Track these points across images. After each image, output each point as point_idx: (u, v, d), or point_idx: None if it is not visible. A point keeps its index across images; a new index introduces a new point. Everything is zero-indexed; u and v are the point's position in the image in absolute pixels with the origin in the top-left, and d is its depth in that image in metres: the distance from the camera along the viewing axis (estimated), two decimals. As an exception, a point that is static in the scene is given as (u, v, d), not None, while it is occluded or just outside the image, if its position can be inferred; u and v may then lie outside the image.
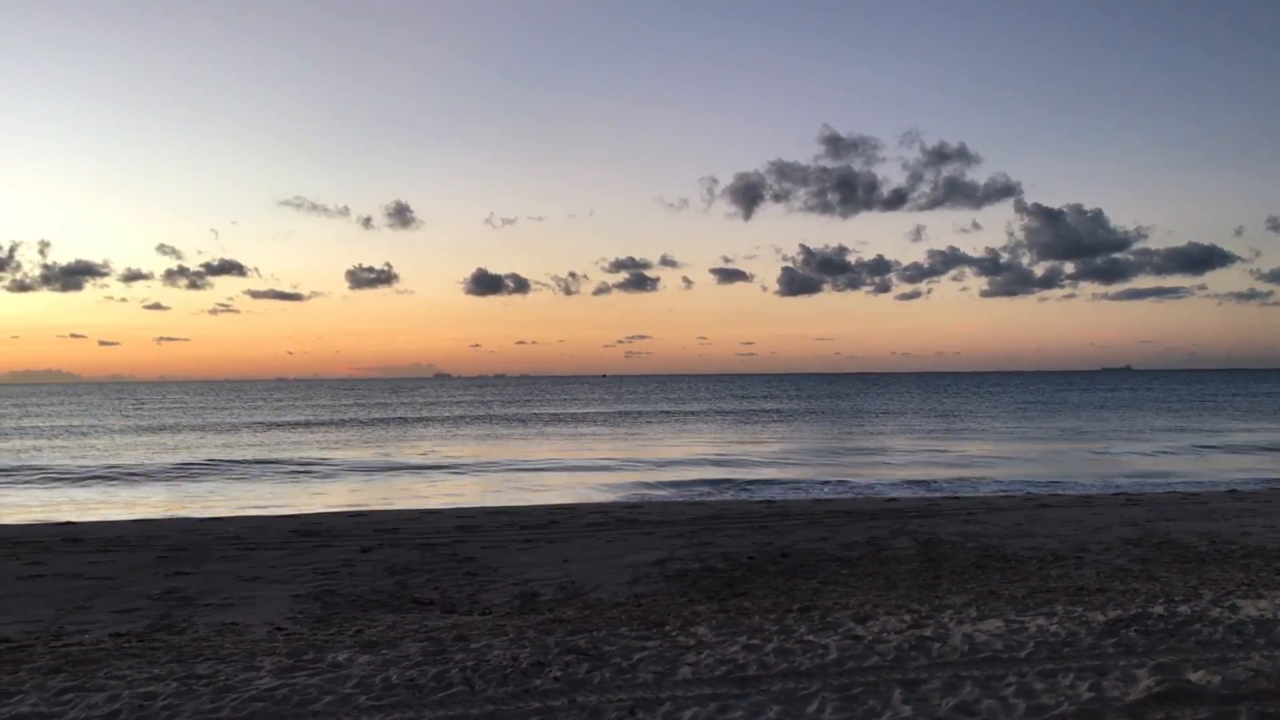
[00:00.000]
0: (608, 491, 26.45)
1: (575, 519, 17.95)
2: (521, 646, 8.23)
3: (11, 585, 12.37)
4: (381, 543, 15.35)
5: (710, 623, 9.15)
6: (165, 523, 19.46)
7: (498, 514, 19.30)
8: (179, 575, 12.94)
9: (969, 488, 26.16)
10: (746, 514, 18.32)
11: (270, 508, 23.19)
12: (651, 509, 20.04)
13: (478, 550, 14.55)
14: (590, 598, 11.26)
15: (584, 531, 16.29)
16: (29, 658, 8.53)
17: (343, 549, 14.81)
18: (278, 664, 7.86)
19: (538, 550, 14.54)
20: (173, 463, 35.94)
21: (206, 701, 6.82)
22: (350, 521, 18.39)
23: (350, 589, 11.98)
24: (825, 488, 26.38)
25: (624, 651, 7.98)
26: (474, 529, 16.79)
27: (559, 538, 15.65)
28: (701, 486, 27.33)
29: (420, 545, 15.05)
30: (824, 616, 9.35)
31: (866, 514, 18.07)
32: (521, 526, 16.95)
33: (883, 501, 21.30)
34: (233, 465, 35.16)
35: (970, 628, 8.64)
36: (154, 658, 8.36)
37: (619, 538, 15.50)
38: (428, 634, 9.08)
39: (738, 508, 19.91)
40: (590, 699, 6.77)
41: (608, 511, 19.38)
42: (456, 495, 26.13)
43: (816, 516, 17.68)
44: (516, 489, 27.53)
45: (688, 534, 15.66)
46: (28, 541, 15.94)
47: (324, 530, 16.91)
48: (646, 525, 16.85)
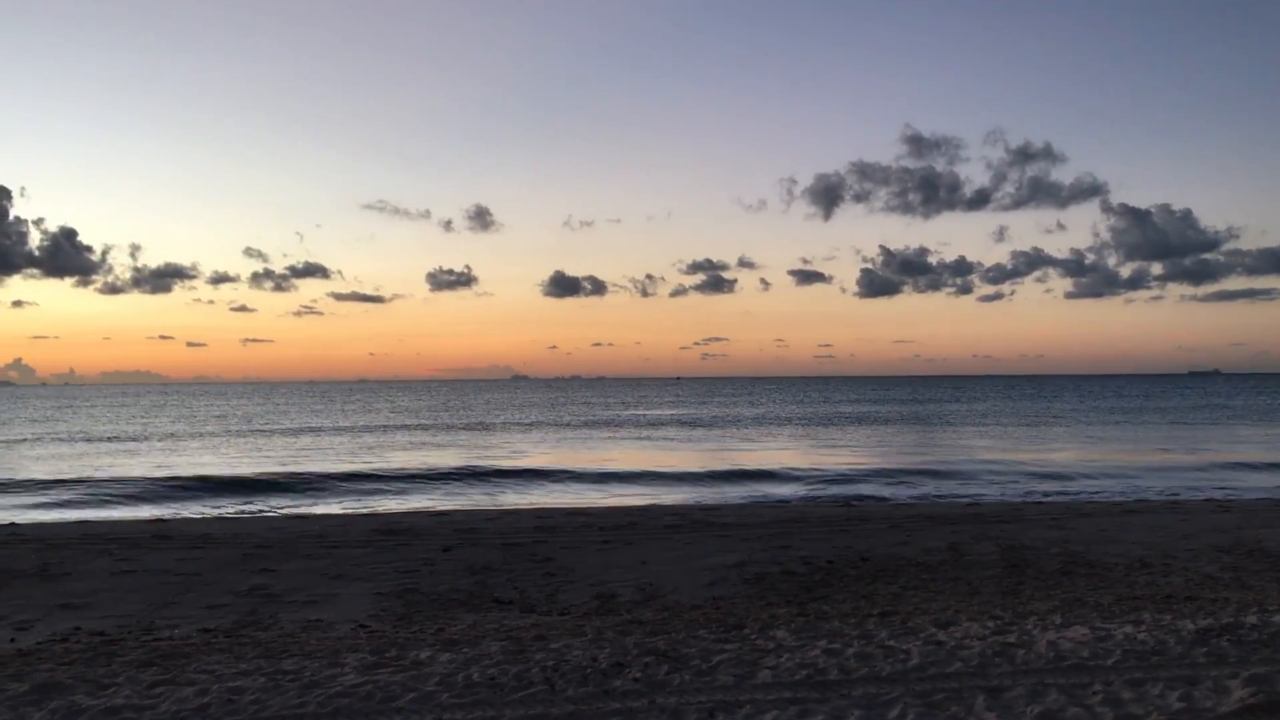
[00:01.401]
0: (685, 494, 26.42)
1: (652, 521, 17.97)
2: (601, 647, 8.25)
3: (104, 581, 12.73)
4: (461, 542, 15.52)
5: (789, 626, 9.10)
6: (251, 521, 19.89)
7: (575, 515, 19.40)
8: (265, 572, 13.20)
9: (1053, 492, 25.66)
10: (825, 518, 18.18)
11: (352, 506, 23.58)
12: (729, 512, 19.98)
13: (556, 551, 14.63)
14: (668, 600, 11.26)
15: (661, 533, 16.29)
16: (122, 651, 8.77)
17: (424, 548, 14.99)
18: (361, 661, 7.98)
19: (615, 551, 14.58)
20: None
21: (293, 697, 6.95)
22: (431, 521, 18.62)
23: (431, 587, 12.12)
24: (906, 491, 26.06)
25: (703, 654, 7.96)
26: (552, 529, 16.90)
27: (636, 539, 15.67)
28: (778, 489, 27.16)
29: (499, 545, 15.18)
30: (905, 622, 9.24)
31: (947, 518, 17.82)
32: (599, 528, 17.01)
33: (964, 506, 21.00)
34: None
35: (1055, 635, 8.47)
36: (241, 653, 8.54)
37: (696, 540, 15.48)
38: (508, 633, 9.15)
39: (816, 511, 19.76)
40: (670, 701, 6.77)
41: (684, 514, 19.37)
42: (535, 496, 26.29)
43: (896, 521, 17.48)
44: (594, 490, 27.62)
45: (765, 537, 15.58)
46: (119, 538, 16.38)
47: (405, 529, 17.13)
48: (724, 528, 16.81)
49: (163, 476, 31.38)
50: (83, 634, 9.79)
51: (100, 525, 18.96)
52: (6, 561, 13.95)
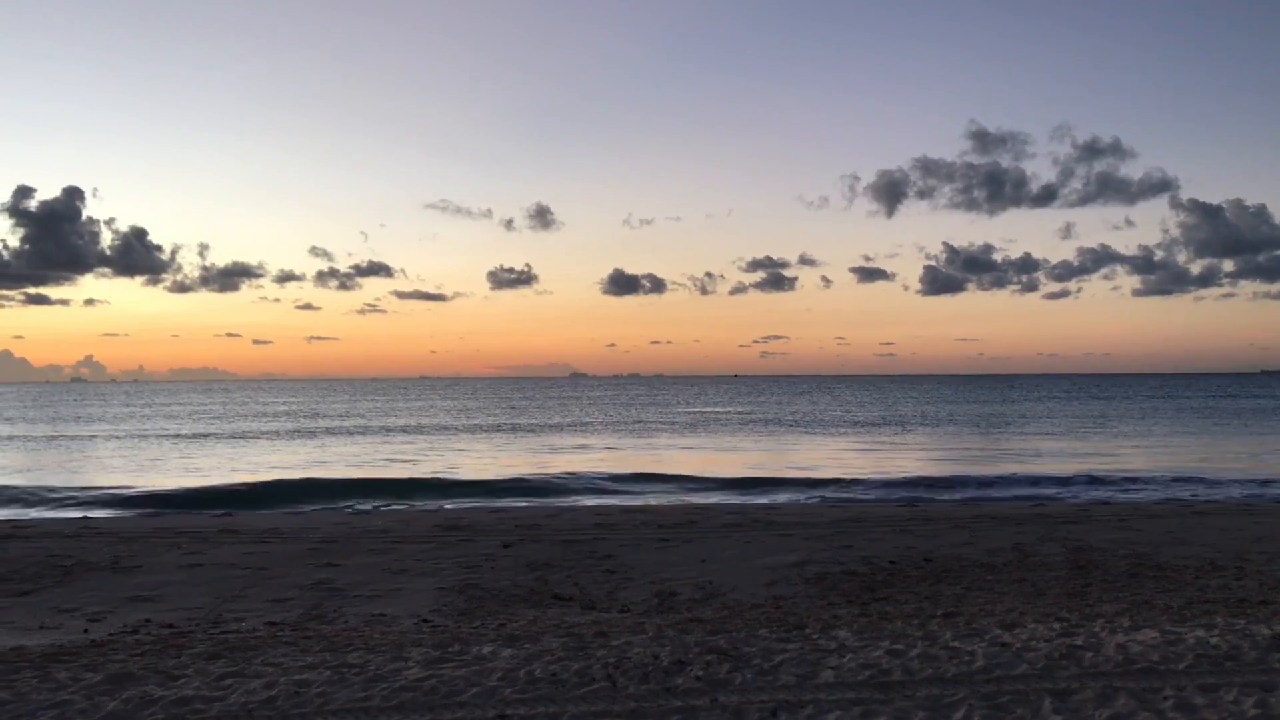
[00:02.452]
0: (744, 492, 26.31)
1: (712, 519, 17.94)
2: (661, 645, 8.24)
3: (173, 574, 12.97)
4: (522, 538, 15.60)
5: (851, 627, 9.03)
6: (316, 515, 20.16)
7: (634, 513, 19.42)
8: (329, 567, 13.37)
9: (1120, 493, 25.21)
10: (887, 517, 18.02)
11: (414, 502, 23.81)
12: (789, 510, 19.89)
13: (615, 548, 14.65)
14: (728, 598, 11.23)
15: (720, 532, 16.25)
16: (190, 643, 8.93)
17: (485, 544, 15.10)
18: (425, 655, 8.05)
19: (674, 549, 14.57)
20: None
21: (358, 690, 7.03)
22: (492, 517, 18.74)
23: (492, 583, 12.20)
24: (969, 492, 25.75)
25: (764, 653, 7.93)
26: (611, 527, 16.93)
27: (695, 537, 15.65)
28: (839, 489, 26.97)
29: (559, 542, 15.24)
30: (969, 623, 9.13)
31: (1012, 519, 17.58)
32: (658, 525, 17.01)
33: (1029, 506, 20.70)
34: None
35: (1124, 637, 8.31)
36: (307, 646, 8.66)
37: (756, 539, 15.42)
38: (568, 629, 9.18)
39: (878, 510, 19.60)
40: (732, 699, 6.75)
41: (744, 512, 19.31)
42: (594, 493, 26.35)
43: (960, 521, 17.27)
44: (653, 489, 27.62)
45: (826, 536, 15.48)
46: (188, 532, 16.69)
47: (466, 525, 17.27)
48: (784, 527, 16.73)
49: (236, 480, 31.93)
50: (153, 626, 10.00)
51: (169, 519, 19.34)
52: (80, 554, 14.27)
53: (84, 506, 23.68)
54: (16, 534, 16.57)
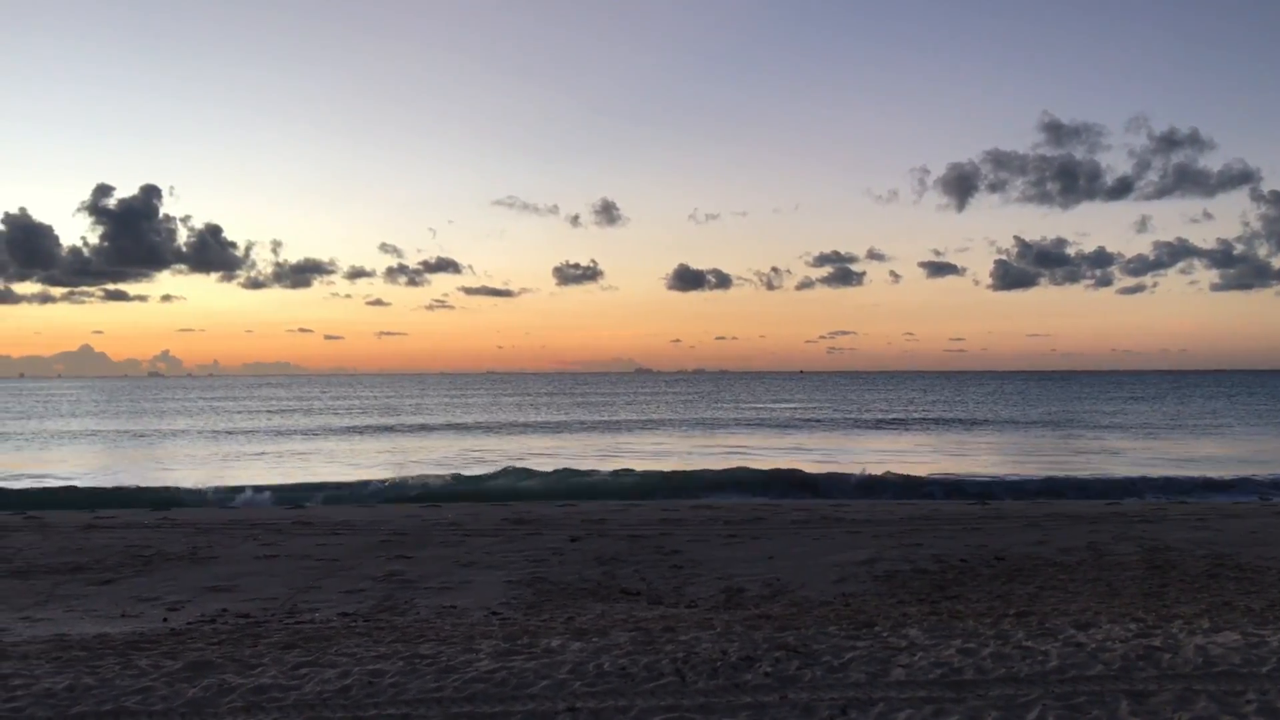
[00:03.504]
0: (812, 489, 26.13)
1: (779, 515, 17.86)
2: (730, 641, 8.23)
3: (249, 565, 13.23)
4: (589, 533, 15.67)
5: (922, 625, 8.94)
6: (388, 508, 20.43)
7: (701, 508, 19.41)
8: (401, 559, 13.55)
9: (1198, 491, 24.64)
10: (958, 515, 17.81)
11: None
12: (858, 508, 19.73)
13: (682, 543, 14.66)
14: (796, 595, 11.18)
15: (788, 528, 16.19)
16: (266, 633, 9.10)
17: (552, 538, 15.19)
18: (495, 648, 8.12)
19: (741, 546, 14.54)
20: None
21: (430, 681, 7.11)
22: (559, 511, 18.85)
23: (560, 577, 12.27)
24: (1042, 489, 25.32)
25: (834, 650, 7.88)
26: (678, 522, 16.94)
27: (762, 534, 15.60)
28: (908, 486, 26.67)
29: (626, 536, 15.29)
30: (1042, 622, 8.99)
31: (1086, 517, 17.28)
32: (725, 521, 16.98)
33: (1104, 504, 20.34)
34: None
35: (1203, 639, 8.13)
36: (379, 637, 8.78)
37: (824, 536, 15.33)
38: (636, 624, 9.20)
39: (949, 508, 19.38)
40: (801, 696, 6.72)
41: (812, 509, 19.20)
42: (661, 488, 26.35)
43: (1033, 519, 17.02)
44: (720, 485, 27.55)
45: (896, 534, 15.35)
46: (263, 524, 17.02)
47: (534, 519, 17.39)
48: (853, 524, 16.61)
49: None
50: (229, 615, 10.20)
51: (245, 511, 19.72)
52: (159, 545, 14.62)
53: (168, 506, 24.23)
54: (98, 524, 17.03)
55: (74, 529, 16.35)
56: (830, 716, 6.35)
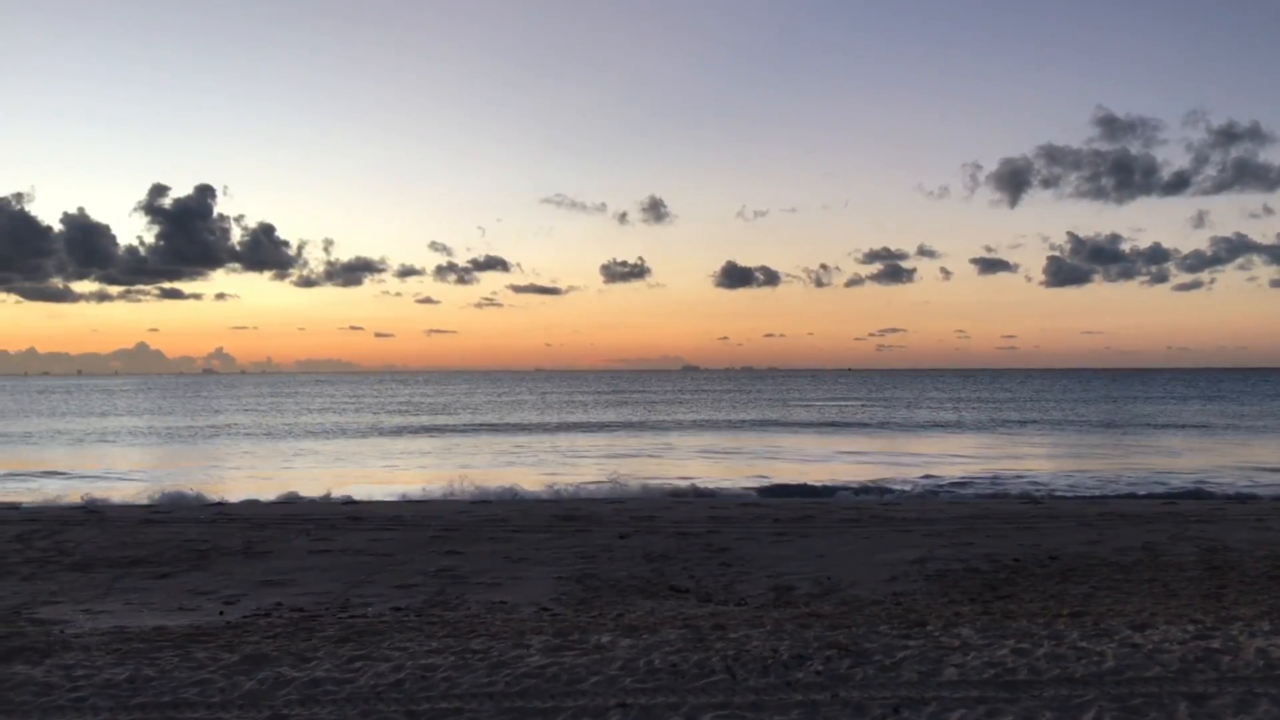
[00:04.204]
0: (862, 488, 25.96)
1: (829, 514, 17.78)
2: (780, 639, 8.21)
3: (303, 559, 13.40)
4: (638, 529, 15.69)
5: (974, 624, 8.86)
6: (439, 504, 20.58)
7: (750, 506, 19.38)
8: (451, 554, 13.65)
9: (1258, 491, 24.18)
10: (1010, 514, 17.63)
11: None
12: (909, 506, 19.60)
13: (731, 541, 14.63)
14: (847, 594, 11.12)
15: (838, 527, 16.10)
16: (320, 627, 9.21)
17: (601, 534, 15.23)
18: (546, 643, 8.16)
19: (791, 544, 14.49)
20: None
21: (482, 675, 7.17)
22: (608, 508, 18.89)
23: (609, 573, 12.30)
24: (1096, 489, 24.99)
25: (885, 649, 7.84)
26: (727, 520, 16.91)
27: (812, 532, 15.53)
28: (961, 485, 26.44)
29: (675, 534, 15.29)
30: (1097, 623, 8.87)
31: (1142, 517, 17.03)
32: (774, 519, 16.93)
33: (1159, 504, 20.02)
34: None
35: (1264, 642, 7.99)
36: (431, 632, 8.85)
37: (875, 534, 15.24)
38: (686, 621, 9.20)
39: (1001, 507, 19.18)
40: (853, 695, 6.69)
41: (862, 508, 19.09)
42: (707, 486, 26.32)
43: (1087, 519, 16.79)
44: (767, 482, 27.47)
45: (947, 533, 15.22)
46: (317, 518, 17.22)
47: (584, 515, 17.44)
48: (903, 523, 16.49)
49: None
50: (284, 609, 10.34)
51: (299, 507, 19.96)
52: (215, 539, 14.84)
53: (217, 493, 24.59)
54: (156, 518, 17.32)
55: (132, 523, 16.64)
56: (882, 716, 6.32)
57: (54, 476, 29.69)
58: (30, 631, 9.10)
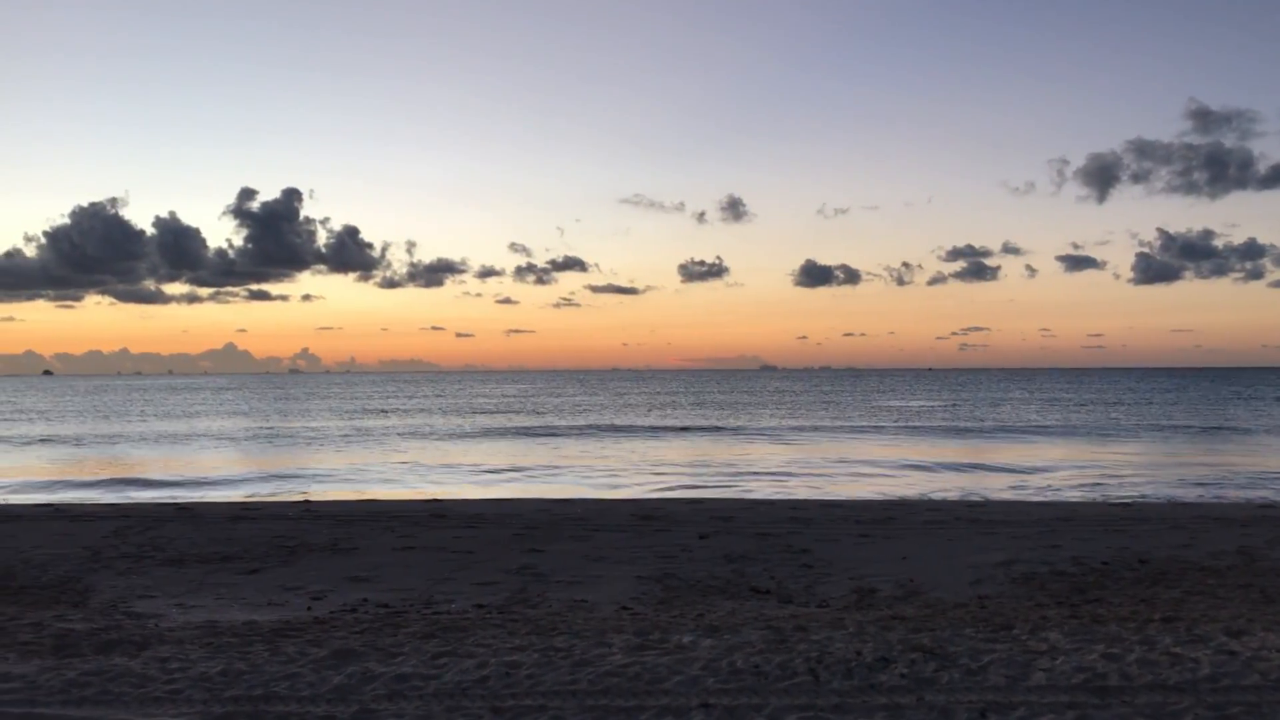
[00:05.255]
0: (947, 489, 25.66)
1: (912, 515, 17.57)
2: (863, 641, 8.14)
3: (388, 556, 13.60)
4: (717, 530, 15.66)
5: (1062, 628, 8.69)
6: (519, 503, 20.76)
7: (831, 507, 19.22)
8: (532, 552, 13.76)
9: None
10: (1099, 516, 17.25)
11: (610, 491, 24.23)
12: (994, 508, 19.28)
13: (812, 542, 14.53)
14: (930, 596, 10.98)
15: (921, 529, 15.91)
16: (405, 623, 9.35)
17: (681, 534, 15.23)
18: (627, 642, 8.19)
19: (873, 545, 14.34)
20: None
21: (565, 673, 7.22)
22: (687, 508, 18.88)
23: (689, 573, 12.30)
24: (1188, 491, 24.36)
25: (971, 653, 7.73)
26: (808, 521, 16.80)
27: (895, 534, 15.36)
28: (1047, 486, 25.97)
29: (755, 534, 15.22)
30: (1191, 629, 8.65)
31: (1237, 520, 16.55)
32: (856, 521, 16.77)
33: (1256, 507, 19.45)
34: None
35: (1370, 652, 7.72)
36: (514, 629, 8.93)
37: (959, 536, 15.02)
38: (767, 622, 9.16)
39: (1089, 510, 18.79)
40: (939, 698, 6.61)
41: (947, 509, 18.83)
42: (787, 487, 26.21)
43: (1178, 521, 16.37)
44: (850, 483, 27.28)
45: (1033, 535, 14.94)
46: (401, 516, 17.47)
47: (663, 515, 17.45)
48: (988, 525, 16.23)
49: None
50: (370, 605, 10.51)
51: (383, 504, 20.27)
52: (303, 536, 15.14)
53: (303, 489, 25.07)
54: (246, 515, 17.72)
55: (222, 520, 17.04)
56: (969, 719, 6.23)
57: (147, 473, 30.59)
58: (127, 624, 9.38)
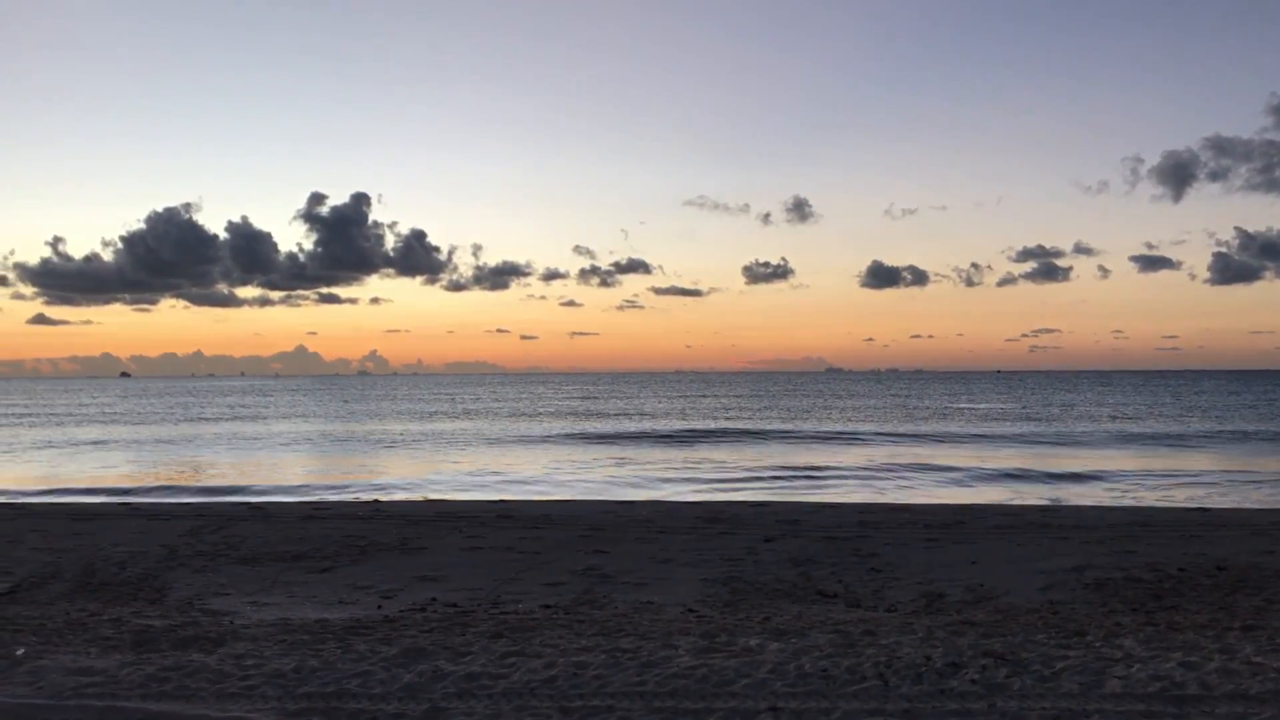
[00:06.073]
0: (1017, 493, 25.30)
1: (981, 520, 17.34)
2: (933, 646, 8.06)
3: (456, 556, 13.74)
4: (783, 533, 15.59)
5: (1137, 636, 8.53)
6: (584, 504, 20.85)
7: (899, 511, 19.04)
8: (598, 553, 13.80)
9: None
10: (1174, 522, 16.89)
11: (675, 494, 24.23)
12: (1066, 513, 18.96)
13: (880, 546, 14.41)
14: (1001, 602, 10.83)
15: (991, 533, 15.69)
16: (473, 622, 9.44)
17: (746, 537, 15.18)
18: (694, 645, 8.19)
19: (942, 550, 14.18)
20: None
21: (632, 674, 7.23)
22: (752, 511, 18.82)
23: (755, 576, 12.26)
24: (1266, 495, 23.76)
25: (1044, 659, 7.61)
26: (875, 525, 16.65)
27: (964, 538, 15.17)
28: (1120, 491, 25.49)
29: (822, 538, 15.13)
30: (1273, 638, 8.43)
31: (1319, 528, 16.11)
32: (925, 525, 16.60)
33: (1339, 515, 18.90)
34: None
35: None
36: (581, 630, 8.97)
37: (1030, 541, 14.80)
38: (835, 626, 9.11)
39: (1164, 515, 18.40)
40: (1011, 705, 6.52)
41: (1017, 514, 18.56)
42: (853, 490, 26.02)
43: (1259, 528, 15.97)
44: (916, 487, 27.01)
45: (1107, 541, 14.67)
46: (468, 516, 17.64)
47: (728, 518, 17.42)
48: (1060, 530, 15.97)
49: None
50: (439, 604, 10.62)
51: (451, 505, 20.47)
52: (373, 536, 15.34)
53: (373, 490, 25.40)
54: (317, 515, 18.00)
55: (294, 519, 17.33)
56: (1042, 727, 6.14)
57: (221, 472, 31.24)
58: (203, 621, 9.58)
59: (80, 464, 35.35)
